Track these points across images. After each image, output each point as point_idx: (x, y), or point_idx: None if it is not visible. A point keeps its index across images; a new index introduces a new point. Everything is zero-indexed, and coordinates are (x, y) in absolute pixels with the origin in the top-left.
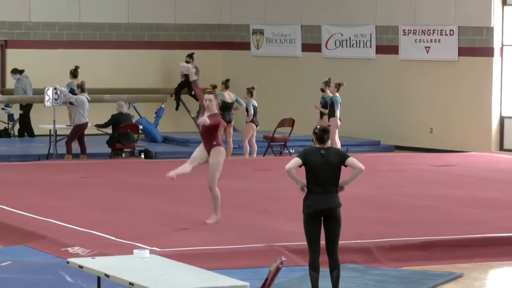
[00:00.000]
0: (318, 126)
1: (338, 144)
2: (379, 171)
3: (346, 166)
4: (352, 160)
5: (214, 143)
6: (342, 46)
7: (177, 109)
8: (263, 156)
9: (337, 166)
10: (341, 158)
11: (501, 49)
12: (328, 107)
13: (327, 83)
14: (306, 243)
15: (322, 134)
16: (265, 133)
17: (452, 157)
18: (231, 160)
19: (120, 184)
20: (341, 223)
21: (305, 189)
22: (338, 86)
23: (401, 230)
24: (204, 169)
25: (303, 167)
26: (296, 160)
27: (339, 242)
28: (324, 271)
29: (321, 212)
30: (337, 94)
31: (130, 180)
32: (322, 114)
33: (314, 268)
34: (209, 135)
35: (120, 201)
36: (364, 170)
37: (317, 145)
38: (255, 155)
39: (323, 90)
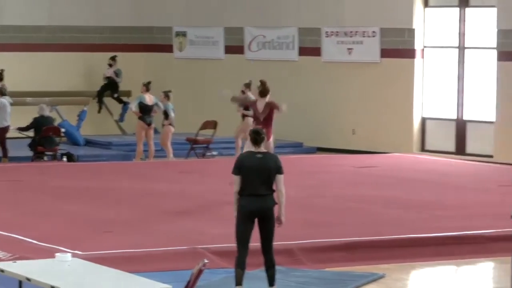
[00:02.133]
0: (251, 128)
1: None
2: (301, 173)
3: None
4: (281, 179)
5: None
6: (265, 48)
7: (99, 111)
8: (186, 158)
9: (273, 172)
10: (277, 169)
11: (422, 50)
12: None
13: (247, 85)
14: (228, 245)
15: (255, 136)
16: (188, 135)
17: (374, 158)
18: (154, 162)
19: (42, 187)
20: (275, 222)
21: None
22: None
23: (324, 231)
24: (128, 171)
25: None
26: (236, 180)
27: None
28: (249, 273)
29: (256, 213)
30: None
31: (52, 183)
32: (244, 116)
33: (241, 267)
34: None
35: (42, 204)
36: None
37: (252, 148)
38: (170, 158)
39: (243, 92)
